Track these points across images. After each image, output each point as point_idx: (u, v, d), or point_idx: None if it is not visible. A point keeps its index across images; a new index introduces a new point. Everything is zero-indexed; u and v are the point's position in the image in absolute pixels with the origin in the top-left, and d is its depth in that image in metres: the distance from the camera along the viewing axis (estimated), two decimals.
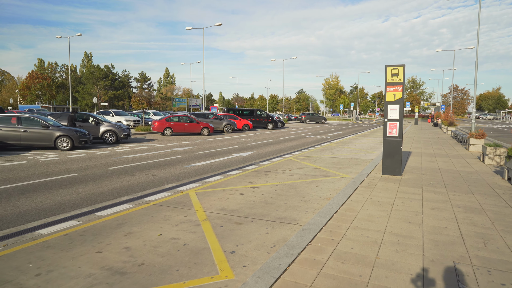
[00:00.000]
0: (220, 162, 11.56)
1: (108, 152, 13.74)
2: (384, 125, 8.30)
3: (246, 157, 12.88)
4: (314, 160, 11.68)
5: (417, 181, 7.80)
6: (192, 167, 10.54)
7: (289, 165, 10.59)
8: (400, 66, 8.03)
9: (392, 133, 8.21)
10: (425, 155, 12.72)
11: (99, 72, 67.60)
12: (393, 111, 8.15)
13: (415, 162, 10.99)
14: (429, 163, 10.68)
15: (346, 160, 11.64)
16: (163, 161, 11.53)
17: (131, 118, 26.59)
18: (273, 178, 8.54)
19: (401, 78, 8.02)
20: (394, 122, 8.17)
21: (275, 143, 18.72)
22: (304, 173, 9.27)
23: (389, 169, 8.38)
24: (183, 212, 5.62)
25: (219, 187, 7.54)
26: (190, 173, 9.46)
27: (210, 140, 19.63)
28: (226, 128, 25.58)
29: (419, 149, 14.81)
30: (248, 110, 32.26)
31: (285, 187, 7.49)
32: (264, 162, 11.31)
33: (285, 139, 21.50)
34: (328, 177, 8.62)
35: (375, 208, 5.61)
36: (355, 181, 7.61)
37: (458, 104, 79.07)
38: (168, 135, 21.87)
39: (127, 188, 7.64)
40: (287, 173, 9.19)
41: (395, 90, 8.10)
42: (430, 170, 9.33)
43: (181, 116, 22.60)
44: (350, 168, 10.07)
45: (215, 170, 10.07)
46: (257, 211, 5.69)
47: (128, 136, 16.85)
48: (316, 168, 10.01)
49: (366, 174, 8.57)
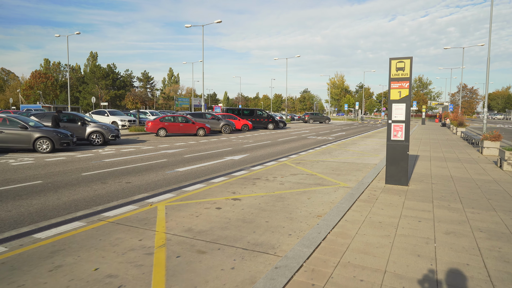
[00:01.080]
0: (207, 167, 10.53)
1: (91, 155, 12.78)
2: (388, 127, 7.19)
3: (237, 161, 11.83)
4: (311, 165, 10.60)
5: (427, 193, 6.69)
6: (175, 172, 9.52)
7: (282, 171, 9.53)
8: (406, 59, 6.93)
9: (397, 136, 7.11)
10: (434, 159, 11.57)
11: (100, 72, 66.97)
12: (399, 111, 7.05)
13: (423, 168, 9.86)
14: (439, 170, 9.54)
15: (346, 165, 10.54)
16: (145, 166, 10.54)
17: (126, 118, 25.71)
18: (261, 187, 7.49)
19: (408, 73, 6.92)
20: (400, 123, 7.07)
21: (273, 144, 17.66)
22: (297, 180, 8.20)
23: (394, 178, 7.27)
24: (139, 234, 4.60)
25: (195, 198, 6.51)
26: (169, 181, 8.44)
27: (205, 142, 18.62)
28: (223, 128, 24.57)
29: (427, 152, 13.64)
30: (248, 109, 31.21)
31: (271, 199, 6.43)
32: (256, 167, 10.26)
33: (285, 140, 20.42)
34: (324, 186, 7.54)
35: (375, 232, 4.53)
36: (353, 193, 6.53)
37: (467, 103, 77.15)
38: (162, 136, 20.91)
39: (90, 199, 6.64)
40: (278, 181, 8.13)
41: (401, 86, 7.00)
42: (441, 179, 8.20)
43: (176, 116, 21.62)
44: (349, 175, 8.98)
45: (199, 176, 9.04)
46: (230, 233, 4.65)
47: (116, 137, 15.90)
48: (311, 175, 8.94)
49: (367, 183, 7.48)
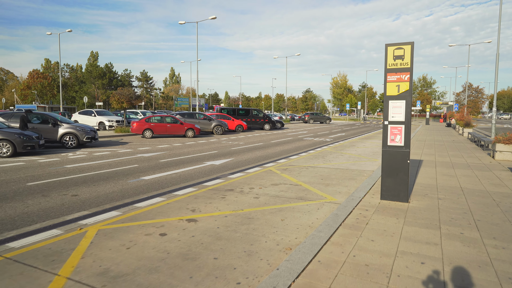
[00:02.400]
0: (179, 174, 9.22)
1: (56, 159, 11.51)
2: (383, 129, 5.84)
3: (217, 167, 10.51)
4: (299, 172, 9.26)
5: (432, 214, 5.32)
6: (138, 182, 8.22)
7: (263, 180, 8.20)
8: (406, 45, 5.57)
9: (395, 141, 5.75)
10: (440, 165, 10.17)
11: (96, 71, 65.83)
12: (397, 110, 5.69)
13: (427, 176, 8.48)
14: (446, 179, 8.15)
15: (339, 172, 9.19)
16: (109, 173, 9.24)
17: (114, 119, 24.48)
18: (230, 202, 6.16)
19: (408, 62, 5.56)
20: (398, 125, 5.71)
21: (264, 147, 16.32)
22: (277, 193, 6.87)
23: (391, 193, 5.91)
24: (31, 281, 3.30)
25: (142, 218, 5.20)
26: (125, 193, 7.14)
27: (192, 144, 17.32)
28: (215, 129, 23.26)
29: (432, 156, 12.24)
30: (244, 109, 29.89)
31: (236, 220, 5.11)
32: (235, 175, 8.94)
33: (279, 142, 19.08)
34: (306, 202, 6.20)
35: (357, 285, 3.18)
36: (339, 214, 5.17)
37: (472, 103, 75.34)
38: (148, 137, 19.63)
39: (10, 219, 5.34)
40: (253, 194, 6.80)
41: (400, 79, 5.64)
42: (449, 192, 6.83)
43: (163, 116, 20.34)
44: (340, 185, 7.63)
45: (164, 186, 7.73)
46: (158, 279, 3.33)
47: (92, 139, 14.63)
48: (295, 185, 7.60)
49: (359, 199, 6.12)
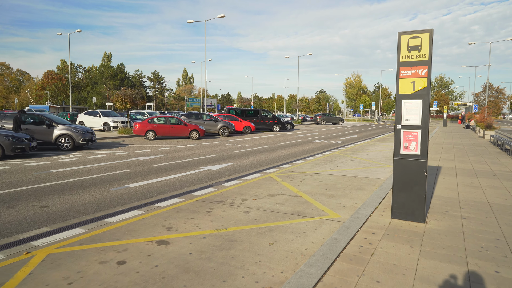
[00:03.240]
0: (170, 181, 8.44)
1: (45, 163, 10.91)
2: (395, 134, 4.89)
3: (213, 173, 9.69)
4: (301, 180, 8.35)
5: (455, 241, 4.34)
6: (121, 190, 7.47)
7: (260, 189, 7.33)
8: (423, 32, 4.60)
9: (410, 148, 4.79)
10: (461, 173, 9.08)
11: (108, 72, 66.17)
12: (412, 111, 4.73)
13: (447, 187, 7.43)
14: (470, 191, 7.10)
15: (346, 181, 8.23)
16: (95, 179, 8.54)
17: (119, 119, 24.01)
18: (215, 217, 5.32)
19: (426, 53, 4.59)
20: (413, 130, 4.75)
21: (270, 150, 15.43)
22: (272, 206, 5.99)
23: (404, 211, 4.95)
24: None
25: (107, 239, 4.41)
26: (102, 203, 6.38)
27: (194, 146, 16.57)
28: (221, 130, 22.48)
29: (451, 162, 11.11)
30: (252, 110, 29.04)
31: (215, 243, 4.26)
32: (230, 182, 8.10)
33: (286, 144, 18.15)
34: (303, 219, 5.30)
35: None
36: (339, 238, 4.25)
37: (492, 104, 72.60)
38: (151, 139, 19.00)
39: None
40: (244, 207, 5.94)
41: (415, 74, 4.68)
42: (474, 208, 5.80)
43: (166, 117, 19.69)
44: (346, 197, 6.69)
45: (148, 196, 6.96)
46: None
47: (89, 141, 14.03)
48: (294, 197, 6.70)
49: (365, 216, 5.18)
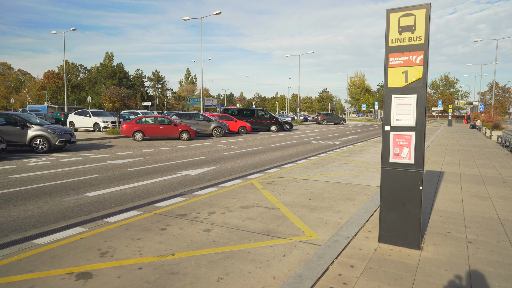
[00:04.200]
0: (137, 189, 7.53)
1: (8, 167, 10.02)
2: (383, 138, 3.91)
3: (190, 178, 8.77)
4: (285, 187, 7.39)
5: (459, 280, 3.36)
6: (77, 200, 6.55)
7: (234, 199, 6.40)
8: (418, 9, 3.62)
9: (401, 156, 3.80)
10: (467, 180, 8.06)
11: (106, 71, 65.48)
12: (404, 109, 3.75)
13: (450, 198, 6.42)
14: (477, 203, 6.08)
15: (336, 188, 7.26)
16: (54, 186, 7.64)
17: (109, 119, 23.16)
18: (167, 238, 4.38)
19: (422, 35, 3.62)
20: (406, 132, 3.76)
21: (261, 152, 14.48)
22: (240, 222, 5.06)
23: (394, 234, 3.96)
24: None
25: (18, 270, 3.50)
26: (44, 218, 5.47)
27: (182, 148, 15.65)
28: (215, 131, 21.55)
29: (456, 166, 10.08)
30: (249, 110, 28.09)
31: (149, 277, 3.32)
32: (204, 190, 7.17)
33: (280, 146, 17.17)
34: (273, 240, 4.35)
35: None
36: (305, 275, 3.28)
37: (499, 103, 71.05)
38: (139, 140, 18.11)
39: None
40: (207, 223, 5.01)
41: (408, 62, 3.71)
42: (483, 227, 4.79)
43: (155, 118, 18.79)
44: (331, 209, 5.72)
45: (104, 207, 6.04)
46: None
47: (67, 142, 13.16)
48: (271, 209, 5.75)
49: (347, 239, 4.20)
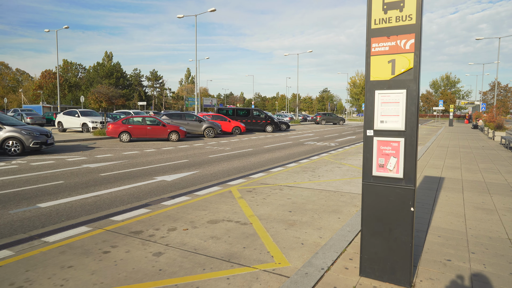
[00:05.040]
0: (99, 198, 6.75)
1: None
2: (365, 144, 3.10)
3: (165, 185, 7.99)
4: (266, 196, 6.60)
5: None
6: (25, 212, 5.77)
7: (205, 211, 5.61)
8: None
9: (387, 168, 2.99)
10: (469, 188, 7.24)
11: (103, 70, 64.69)
12: (390, 108, 2.94)
13: (450, 212, 5.60)
14: (482, 217, 5.26)
15: (322, 198, 6.46)
16: (7, 195, 6.87)
17: (98, 120, 22.39)
18: (105, 265, 3.59)
19: (413, 13, 2.81)
20: (393, 138, 2.95)
21: (251, 154, 13.68)
22: (201, 242, 4.27)
23: (379, 266, 3.14)
24: None
25: None
26: None
27: (168, 150, 14.86)
28: (206, 131, 20.74)
29: (457, 171, 9.26)
30: (244, 109, 27.28)
31: None
32: (174, 200, 6.39)
33: (272, 147, 16.36)
34: (232, 269, 3.55)
35: None
36: None
37: (501, 103, 70.03)
38: (125, 141, 17.32)
39: None
40: (162, 244, 4.23)
41: (396, 48, 2.90)
42: (491, 251, 3.97)
43: (143, 118, 18.00)
44: (312, 225, 4.92)
45: (50, 222, 5.26)
46: None
47: (43, 144, 12.38)
48: (243, 225, 4.96)
49: (320, 272, 3.39)
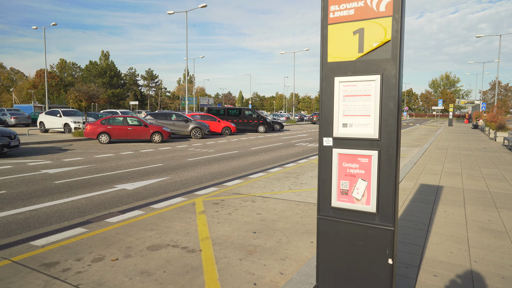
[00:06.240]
0: (36, 213, 5.74)
1: None
2: (320, 159, 2.06)
3: (124, 195, 6.98)
4: (232, 211, 5.59)
5: None
6: None
7: (152, 231, 4.61)
8: None
9: (352, 195, 1.95)
10: (472, 200, 6.21)
11: (95, 69, 63.54)
12: (356, 104, 1.90)
13: (450, 236, 4.57)
14: (489, 243, 4.23)
15: (298, 212, 5.45)
16: None
17: (81, 120, 21.37)
18: None
19: None
20: (361, 151, 1.91)
21: (235, 157, 12.66)
22: (124, 282, 3.28)
23: None
24: None
25: None
26: None
27: (146, 152, 13.83)
28: (193, 132, 19.71)
29: (458, 178, 8.24)
30: (236, 109, 26.26)
31: None
32: (124, 216, 5.40)
33: (261, 149, 15.34)
34: None
35: None
36: None
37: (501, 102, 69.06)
38: (104, 143, 16.28)
39: None
40: (72, 283, 3.23)
41: (365, 11, 1.85)
42: None
43: (124, 118, 16.96)
44: (275, 253, 3.91)
45: None
46: None
47: (3, 147, 11.33)
48: (190, 252, 3.95)
49: None
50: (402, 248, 3.91)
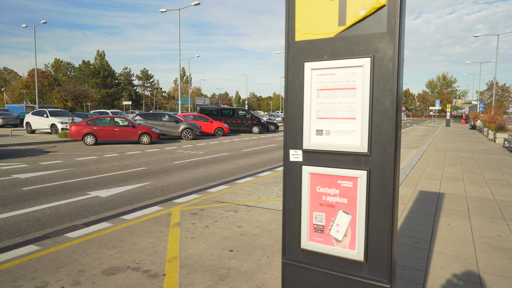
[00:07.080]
0: None
1: None
2: (285, 179, 1.44)
3: (96, 203, 6.36)
4: (210, 223, 4.99)
5: None
6: None
7: (113, 249, 4.00)
8: None
9: (330, 233, 1.34)
10: (477, 210, 5.64)
11: (89, 69, 62.65)
12: (335, 101, 1.29)
13: (454, 256, 3.98)
14: (503, 267, 3.64)
15: (281, 226, 4.86)
16: None
17: (68, 120, 20.67)
18: None
19: None
20: (343, 170, 1.31)
21: (225, 160, 12.05)
22: None
23: None
24: None
25: None
26: None
27: (132, 154, 13.19)
28: (184, 133, 19.07)
29: (459, 184, 7.67)
30: (229, 109, 25.65)
31: None
32: (87, 229, 4.81)
33: (253, 151, 14.74)
34: None
35: None
36: None
37: (498, 102, 68.85)
38: (90, 144, 15.61)
39: None
40: None
41: None
42: None
43: (111, 118, 16.29)
44: (251, 279, 3.31)
45: None
46: None
47: None
48: (149, 278, 3.34)
49: None
50: (400, 274, 3.31)
